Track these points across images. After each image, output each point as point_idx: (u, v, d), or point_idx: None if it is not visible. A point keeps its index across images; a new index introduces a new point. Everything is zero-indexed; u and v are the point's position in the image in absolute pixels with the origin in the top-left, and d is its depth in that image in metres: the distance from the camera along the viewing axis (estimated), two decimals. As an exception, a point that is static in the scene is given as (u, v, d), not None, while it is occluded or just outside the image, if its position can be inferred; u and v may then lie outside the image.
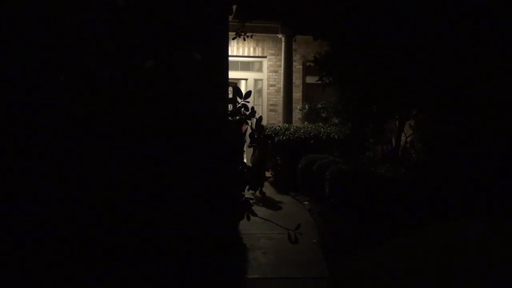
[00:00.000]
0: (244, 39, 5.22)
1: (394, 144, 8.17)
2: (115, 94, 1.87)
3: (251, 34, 5.61)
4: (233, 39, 5.32)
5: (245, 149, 10.23)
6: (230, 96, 3.69)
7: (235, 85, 11.04)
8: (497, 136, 6.34)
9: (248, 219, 2.54)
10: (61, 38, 1.88)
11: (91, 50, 1.79)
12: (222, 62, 4.43)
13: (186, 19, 2.27)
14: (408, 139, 8.35)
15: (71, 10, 1.93)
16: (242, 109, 2.37)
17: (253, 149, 8.47)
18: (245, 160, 5.60)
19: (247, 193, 6.75)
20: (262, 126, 8.66)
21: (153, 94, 1.88)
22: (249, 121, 2.40)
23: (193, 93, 2.10)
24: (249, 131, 2.52)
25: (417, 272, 4.48)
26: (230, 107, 2.95)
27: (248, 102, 2.51)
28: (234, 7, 8.23)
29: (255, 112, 2.39)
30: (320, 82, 7.27)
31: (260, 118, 2.45)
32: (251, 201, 2.53)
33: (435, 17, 6.00)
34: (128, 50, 1.87)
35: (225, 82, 4.56)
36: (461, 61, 6.11)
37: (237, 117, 2.38)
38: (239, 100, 2.40)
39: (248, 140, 8.83)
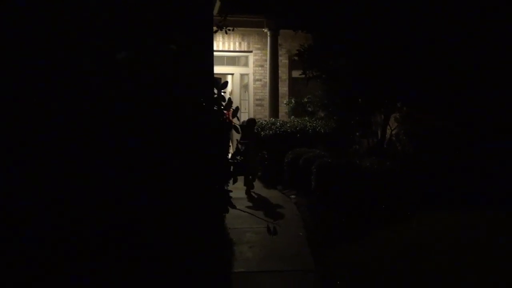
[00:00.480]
0: (226, 32, 5.18)
1: (379, 137, 8.21)
2: (91, 87, 1.84)
3: (232, 28, 5.56)
4: (215, 32, 5.29)
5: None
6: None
7: (220, 79, 10.95)
8: (481, 129, 6.41)
9: (227, 211, 2.53)
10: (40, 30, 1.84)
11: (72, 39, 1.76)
12: (206, 55, 4.39)
13: (164, 10, 2.24)
14: (394, 132, 8.40)
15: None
16: (219, 100, 2.35)
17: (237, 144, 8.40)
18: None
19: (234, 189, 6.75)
20: (254, 120, 8.53)
21: (131, 87, 1.85)
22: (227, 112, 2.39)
23: (174, 84, 2.08)
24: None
25: (403, 263, 4.52)
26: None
27: (225, 93, 2.49)
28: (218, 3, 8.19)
29: (231, 102, 2.37)
30: (304, 76, 7.27)
31: (237, 108, 2.43)
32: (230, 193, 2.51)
33: (418, 11, 6.03)
34: (104, 39, 1.84)
35: (211, 74, 4.52)
36: (444, 55, 6.15)
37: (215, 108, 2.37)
38: (215, 91, 2.38)
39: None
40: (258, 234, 5.81)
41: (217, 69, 10.91)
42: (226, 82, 2.45)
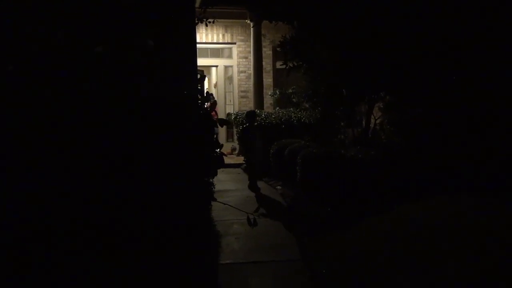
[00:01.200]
0: (207, 25, 5.14)
1: (364, 126, 8.28)
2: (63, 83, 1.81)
3: (213, 20, 5.52)
4: (195, 24, 5.26)
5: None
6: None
7: (202, 72, 10.89)
8: (463, 118, 6.50)
9: (209, 203, 2.54)
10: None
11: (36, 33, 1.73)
12: (189, 48, 4.36)
13: (143, 2, 2.22)
14: (378, 121, 8.47)
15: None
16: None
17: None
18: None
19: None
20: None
21: (103, 81, 1.83)
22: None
23: (150, 80, 2.07)
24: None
25: (387, 252, 4.58)
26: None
27: (201, 87, 2.49)
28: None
29: (210, 95, 2.37)
30: (285, 66, 7.28)
31: (215, 102, 2.43)
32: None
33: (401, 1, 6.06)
34: (76, 36, 1.81)
35: (194, 67, 4.50)
36: (426, 44, 6.20)
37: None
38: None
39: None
40: (245, 226, 5.81)
41: (201, 61, 10.83)
42: (204, 76, 2.45)
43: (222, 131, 11.89)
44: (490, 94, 5.98)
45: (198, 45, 5.11)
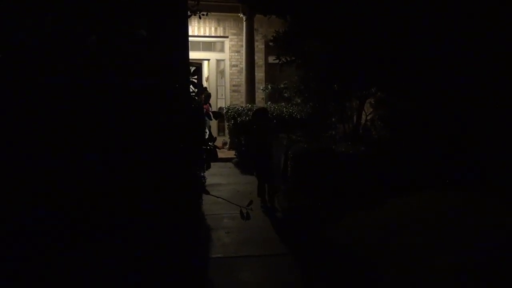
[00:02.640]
0: (200, 17, 5.11)
1: (355, 122, 8.31)
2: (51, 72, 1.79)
3: (206, 13, 5.50)
4: (189, 17, 5.21)
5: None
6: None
7: (200, 65, 10.79)
8: (452, 114, 6.55)
9: (200, 197, 2.54)
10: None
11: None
12: (181, 40, 4.33)
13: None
14: (369, 117, 8.51)
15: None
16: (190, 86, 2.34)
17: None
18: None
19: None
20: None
21: (95, 71, 1.81)
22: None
23: (142, 70, 2.05)
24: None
25: (375, 247, 4.63)
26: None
27: (196, 79, 2.47)
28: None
29: (204, 88, 2.36)
30: (278, 61, 7.27)
31: (209, 95, 2.42)
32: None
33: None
34: (67, 25, 1.79)
35: (186, 60, 4.46)
36: (417, 41, 6.23)
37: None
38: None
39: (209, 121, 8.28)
40: (235, 220, 5.84)
41: (193, 55, 10.78)
42: (197, 69, 2.44)
43: (213, 125, 11.86)
44: (477, 93, 6.05)
45: (190, 38, 5.06)
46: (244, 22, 11.26)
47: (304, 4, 6.29)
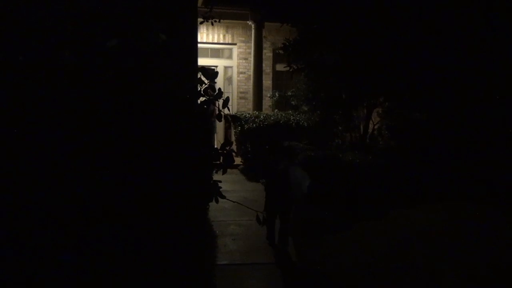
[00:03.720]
0: (212, 24, 5.16)
1: (362, 131, 8.29)
2: (73, 76, 1.80)
3: (218, 19, 5.54)
4: (201, 23, 5.24)
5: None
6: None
7: (213, 69, 10.82)
8: (460, 125, 6.53)
9: (216, 201, 2.52)
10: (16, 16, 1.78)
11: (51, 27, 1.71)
12: (191, 45, 4.36)
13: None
14: (376, 127, 8.49)
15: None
16: (209, 90, 2.34)
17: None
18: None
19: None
20: (238, 117, 8.03)
21: (114, 74, 1.82)
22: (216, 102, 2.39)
23: (161, 73, 2.06)
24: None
25: (381, 259, 4.59)
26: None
27: (215, 83, 2.47)
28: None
29: (222, 93, 2.36)
30: (288, 68, 7.28)
31: (227, 99, 2.42)
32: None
33: (402, 6, 6.08)
34: (88, 28, 1.80)
35: (195, 64, 4.49)
36: (426, 51, 6.23)
37: (204, 98, 2.35)
38: (205, 81, 2.37)
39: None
40: (241, 227, 5.83)
41: (201, 61, 10.81)
42: (217, 72, 2.44)
43: (220, 132, 11.87)
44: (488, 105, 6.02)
45: (198, 45, 5.10)
46: (253, 30, 11.30)
47: (316, 13, 6.31)
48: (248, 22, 11.40)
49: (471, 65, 6.04)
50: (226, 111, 2.43)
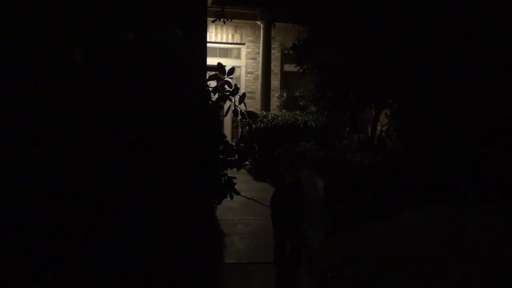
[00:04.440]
0: (224, 22, 5.20)
1: (370, 132, 8.28)
2: (90, 69, 1.82)
3: (230, 18, 5.59)
4: (213, 22, 5.27)
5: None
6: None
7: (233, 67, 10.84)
8: (469, 127, 6.49)
9: (231, 197, 2.54)
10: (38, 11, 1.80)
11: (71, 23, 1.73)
12: (201, 43, 4.39)
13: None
14: (384, 128, 8.46)
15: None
16: (225, 86, 2.36)
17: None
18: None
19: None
20: (255, 114, 8.09)
21: (133, 68, 1.84)
22: (232, 98, 2.40)
23: (174, 69, 2.08)
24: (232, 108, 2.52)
25: (391, 258, 4.58)
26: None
27: (232, 78, 2.49)
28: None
29: (238, 88, 2.38)
30: (298, 69, 7.28)
31: (244, 94, 2.44)
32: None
33: (412, 7, 6.07)
34: (106, 23, 1.82)
35: (204, 62, 4.52)
36: (435, 52, 6.21)
37: (220, 94, 2.38)
38: (222, 77, 2.39)
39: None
40: (248, 226, 5.85)
41: (210, 61, 10.78)
42: (233, 68, 2.45)
43: (227, 131, 11.90)
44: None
45: (207, 44, 5.14)
46: (262, 30, 11.32)
47: (326, 13, 6.31)
48: (257, 22, 11.42)
49: (482, 68, 6.00)
50: (243, 107, 2.45)
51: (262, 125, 9.39)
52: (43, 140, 2.06)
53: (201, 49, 4.33)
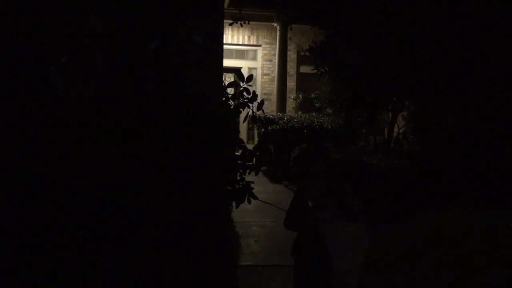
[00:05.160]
0: (241, 25, 5.22)
1: (386, 135, 8.22)
2: (113, 74, 1.86)
3: (248, 21, 5.62)
4: (230, 25, 5.30)
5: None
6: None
7: (252, 74, 10.92)
8: (487, 131, 6.38)
9: (249, 202, 2.56)
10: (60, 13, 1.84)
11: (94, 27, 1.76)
12: (218, 47, 4.42)
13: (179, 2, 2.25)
14: (401, 131, 8.39)
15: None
16: (244, 93, 2.38)
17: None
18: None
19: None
20: (272, 119, 7.97)
21: (153, 74, 1.87)
22: (250, 105, 2.41)
23: (194, 75, 2.10)
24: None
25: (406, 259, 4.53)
26: (231, 90, 2.94)
27: (250, 86, 2.51)
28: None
29: (256, 96, 2.39)
30: (315, 71, 7.26)
31: (262, 101, 2.45)
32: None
33: (429, 8, 5.99)
34: (130, 29, 1.85)
35: (221, 66, 4.55)
36: (453, 53, 6.12)
37: (239, 101, 2.40)
38: (241, 83, 2.41)
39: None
40: (264, 228, 5.85)
41: (226, 62, 10.84)
42: (251, 76, 2.47)
43: (243, 133, 11.93)
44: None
45: (224, 46, 5.18)
46: (278, 32, 11.33)
47: (343, 15, 6.28)
48: (273, 23, 11.43)
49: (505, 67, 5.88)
50: (260, 113, 2.46)
51: (277, 127, 9.39)
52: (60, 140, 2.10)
53: (218, 52, 4.37)
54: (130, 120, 1.93)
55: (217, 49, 4.27)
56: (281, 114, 10.34)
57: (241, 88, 2.34)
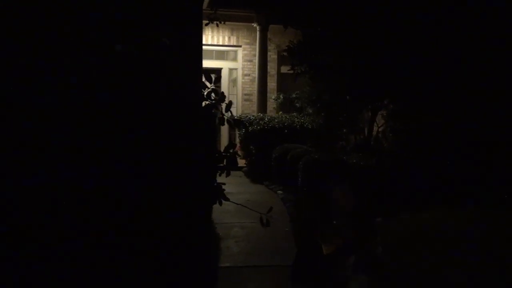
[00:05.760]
0: (217, 25, 5.18)
1: (366, 133, 8.28)
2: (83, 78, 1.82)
3: (224, 21, 5.58)
4: (206, 25, 5.26)
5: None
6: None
7: (218, 72, 10.84)
8: (466, 127, 6.47)
9: (220, 203, 2.54)
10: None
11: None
12: (196, 48, 4.38)
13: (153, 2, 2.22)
14: (380, 129, 8.46)
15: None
16: (212, 94, 2.36)
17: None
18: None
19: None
20: (241, 121, 8.10)
21: (120, 78, 1.84)
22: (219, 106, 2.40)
23: (168, 75, 2.08)
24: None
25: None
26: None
27: (219, 87, 2.49)
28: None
29: (224, 97, 2.38)
30: (292, 71, 7.28)
31: (230, 102, 2.43)
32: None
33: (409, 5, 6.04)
34: (95, 33, 1.82)
35: (199, 68, 4.51)
36: (432, 51, 6.18)
37: (207, 102, 2.37)
38: (208, 85, 2.39)
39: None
40: (244, 229, 5.83)
41: (206, 63, 10.86)
42: (219, 77, 2.46)
43: (224, 134, 11.90)
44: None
45: (203, 47, 5.13)
46: (258, 32, 11.33)
47: (320, 16, 6.30)
48: (253, 24, 11.42)
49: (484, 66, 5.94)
50: (229, 114, 2.44)
51: (258, 127, 9.39)
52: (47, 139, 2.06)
53: (196, 53, 4.33)
54: (90, 132, 1.90)
55: (195, 50, 4.24)
56: (262, 115, 10.34)
57: (209, 90, 2.33)
